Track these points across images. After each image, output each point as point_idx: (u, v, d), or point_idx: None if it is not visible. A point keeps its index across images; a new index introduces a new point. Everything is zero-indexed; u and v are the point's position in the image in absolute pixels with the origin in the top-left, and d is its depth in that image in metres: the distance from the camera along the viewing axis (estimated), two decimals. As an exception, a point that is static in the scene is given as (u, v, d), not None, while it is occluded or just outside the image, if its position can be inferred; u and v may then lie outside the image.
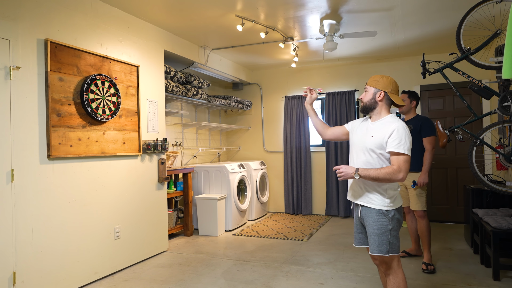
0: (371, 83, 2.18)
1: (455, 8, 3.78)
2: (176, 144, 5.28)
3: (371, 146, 2.10)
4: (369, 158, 2.12)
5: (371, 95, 2.17)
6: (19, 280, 2.65)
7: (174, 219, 4.73)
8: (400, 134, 2.01)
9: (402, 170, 1.99)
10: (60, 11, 3.04)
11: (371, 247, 2.11)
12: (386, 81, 2.15)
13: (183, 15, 3.87)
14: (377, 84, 2.16)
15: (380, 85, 2.15)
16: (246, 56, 5.62)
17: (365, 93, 2.20)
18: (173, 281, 3.23)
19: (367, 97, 2.19)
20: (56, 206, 2.94)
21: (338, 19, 4.08)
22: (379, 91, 2.15)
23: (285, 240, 4.60)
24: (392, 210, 2.10)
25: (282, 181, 6.51)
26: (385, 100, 2.16)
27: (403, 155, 2.00)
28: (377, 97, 2.15)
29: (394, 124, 2.05)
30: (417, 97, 3.70)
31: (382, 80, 2.16)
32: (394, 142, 2.01)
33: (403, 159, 2.00)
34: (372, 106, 2.18)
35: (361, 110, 2.23)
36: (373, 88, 2.17)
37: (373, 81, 2.18)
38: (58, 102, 2.97)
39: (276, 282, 3.16)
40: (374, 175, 2.01)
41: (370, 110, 2.19)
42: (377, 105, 2.17)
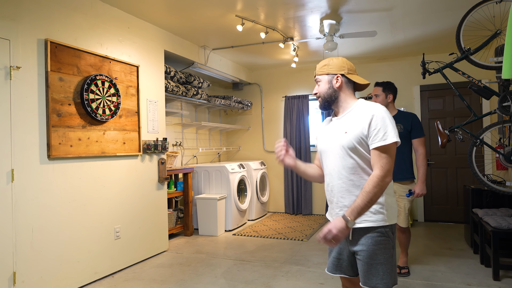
0: (321, 71, 1.74)
1: (455, 8, 3.78)
2: (176, 144, 5.28)
3: (348, 144, 1.62)
4: (348, 163, 1.63)
5: (326, 84, 1.72)
6: (19, 280, 2.65)
7: (174, 219, 4.73)
8: (382, 119, 1.57)
9: (385, 169, 1.54)
10: (60, 11, 3.05)
11: (370, 280, 1.61)
12: (337, 62, 1.73)
13: (183, 15, 3.87)
14: (328, 69, 1.73)
15: (333, 69, 1.72)
16: (246, 56, 5.62)
17: (318, 86, 1.76)
18: (173, 281, 3.24)
19: (322, 88, 1.73)
20: (56, 206, 2.94)
21: (338, 19, 4.08)
22: (334, 75, 1.71)
23: (285, 240, 4.60)
24: (393, 226, 1.66)
25: (282, 181, 6.52)
26: (345, 84, 1.72)
27: (389, 146, 1.56)
28: (334, 83, 1.71)
29: (369, 109, 1.62)
30: (393, 90, 3.20)
31: (332, 62, 1.73)
32: (379, 133, 1.56)
33: (385, 152, 1.56)
34: (333, 97, 1.72)
35: (321, 108, 1.78)
36: (326, 76, 1.73)
37: (322, 67, 1.75)
38: (58, 102, 2.97)
39: (276, 282, 3.16)
40: (366, 201, 1.52)
41: (331, 103, 1.73)
42: (337, 94, 1.72)
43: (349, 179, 1.64)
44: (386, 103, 3.16)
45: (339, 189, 1.66)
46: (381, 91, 3.16)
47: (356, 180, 1.63)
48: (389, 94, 3.16)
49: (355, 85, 1.76)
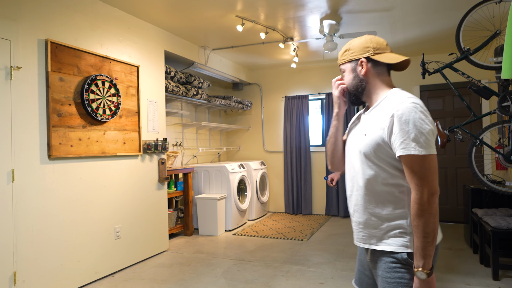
0: (343, 58, 1.42)
1: (454, 8, 3.79)
2: (176, 144, 5.29)
3: (365, 150, 1.29)
4: (366, 173, 1.30)
5: (350, 73, 1.40)
6: (19, 279, 2.65)
7: (174, 219, 4.73)
8: (406, 122, 1.17)
9: (422, 188, 1.16)
10: (61, 12, 3.05)
11: None
12: (359, 43, 1.38)
13: (183, 15, 3.88)
14: (350, 54, 1.39)
15: (354, 53, 1.38)
16: (246, 56, 5.63)
17: (344, 77, 1.44)
18: (173, 281, 3.24)
19: (347, 80, 1.42)
20: (56, 206, 2.94)
21: (338, 19, 4.08)
22: (357, 61, 1.37)
23: (285, 240, 4.60)
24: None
25: (282, 181, 6.52)
26: (372, 69, 1.36)
27: (417, 157, 1.16)
28: (359, 71, 1.37)
29: (394, 104, 1.23)
30: None
31: (353, 44, 1.39)
32: (398, 138, 1.19)
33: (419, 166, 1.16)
34: (359, 88, 1.38)
35: (351, 103, 1.46)
36: (349, 63, 1.40)
37: (344, 54, 1.42)
38: (59, 102, 2.98)
39: (276, 282, 3.17)
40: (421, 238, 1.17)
41: (359, 95, 1.40)
42: (365, 83, 1.37)
43: (365, 194, 1.31)
44: None
45: (355, 201, 1.37)
46: None
47: (377, 196, 1.29)
48: None
49: (391, 66, 1.38)
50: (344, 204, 5.96)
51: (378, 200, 1.29)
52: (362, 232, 1.36)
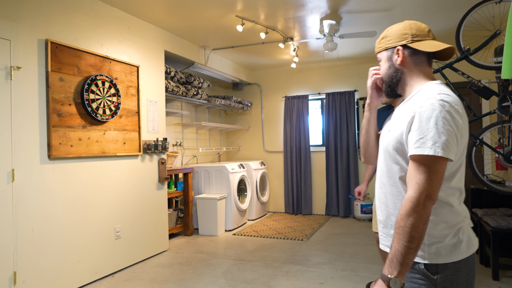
0: (379, 46, 1.31)
1: (454, 8, 3.79)
2: (176, 144, 5.29)
3: (387, 147, 1.22)
4: (389, 170, 1.22)
5: (386, 63, 1.29)
6: (19, 279, 2.65)
7: (174, 219, 4.73)
8: (427, 119, 1.07)
9: (422, 188, 1.06)
10: (61, 12, 3.05)
11: None
12: (397, 29, 1.26)
13: (183, 15, 3.88)
14: (386, 41, 1.27)
15: (391, 40, 1.26)
16: (246, 56, 5.63)
17: (381, 67, 1.33)
18: (173, 281, 3.24)
19: (382, 69, 1.31)
20: (56, 206, 2.94)
21: (338, 19, 4.08)
22: (393, 49, 1.25)
23: (285, 240, 4.60)
24: (444, 266, 1.12)
25: (282, 181, 6.52)
26: (410, 58, 1.23)
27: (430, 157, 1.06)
28: (395, 60, 1.25)
29: (420, 100, 1.13)
30: None
31: (391, 31, 1.28)
32: (415, 136, 1.09)
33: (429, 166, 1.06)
34: (394, 79, 1.27)
35: (386, 95, 1.35)
36: (385, 52, 1.29)
37: (380, 41, 1.31)
38: (59, 102, 2.98)
39: (276, 282, 3.17)
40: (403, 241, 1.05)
41: (394, 87, 1.28)
42: (400, 74, 1.25)
43: (387, 191, 1.24)
44: None
45: (378, 199, 1.30)
46: None
47: (397, 195, 1.21)
48: None
49: (432, 55, 1.25)
50: (344, 204, 5.96)
51: (397, 200, 1.20)
52: (381, 232, 1.28)
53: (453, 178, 1.14)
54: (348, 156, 5.97)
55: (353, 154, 5.94)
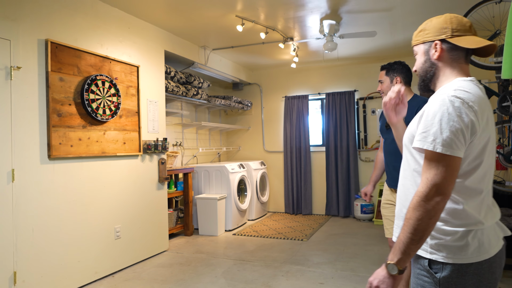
0: (417, 39, 1.27)
1: (454, 8, 3.79)
2: (176, 144, 5.29)
3: (405, 141, 1.24)
4: (407, 162, 1.24)
5: (422, 56, 1.25)
6: (19, 279, 2.65)
7: (174, 219, 4.73)
8: (433, 115, 1.08)
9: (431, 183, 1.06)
10: (61, 12, 3.05)
11: None
12: (437, 22, 1.21)
13: (183, 15, 3.88)
14: (424, 35, 1.23)
15: (429, 34, 1.22)
16: (246, 56, 5.63)
17: (416, 60, 1.30)
18: (173, 281, 3.24)
19: (417, 63, 1.28)
20: (56, 206, 2.94)
21: (338, 19, 4.09)
22: (431, 43, 1.22)
23: (285, 240, 4.60)
24: (447, 266, 1.11)
25: (282, 181, 6.52)
26: (448, 53, 1.20)
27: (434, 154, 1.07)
28: (431, 54, 1.22)
29: (435, 95, 1.14)
30: (401, 70, 2.46)
31: (430, 24, 1.23)
32: (418, 130, 1.12)
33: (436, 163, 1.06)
34: (428, 74, 1.24)
35: (419, 89, 1.32)
36: (422, 45, 1.25)
37: (418, 34, 1.27)
38: (59, 102, 2.98)
39: (276, 282, 3.17)
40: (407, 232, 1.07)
41: (428, 82, 1.26)
42: (435, 69, 1.22)
43: (402, 183, 1.27)
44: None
45: (397, 191, 1.31)
46: (384, 75, 2.48)
47: (407, 188, 1.23)
48: (395, 77, 2.44)
49: (471, 51, 1.21)
50: (344, 204, 5.96)
51: (409, 192, 1.22)
52: (395, 223, 1.28)
53: (468, 177, 1.11)
54: (348, 156, 5.97)
55: (353, 154, 5.94)
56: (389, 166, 2.41)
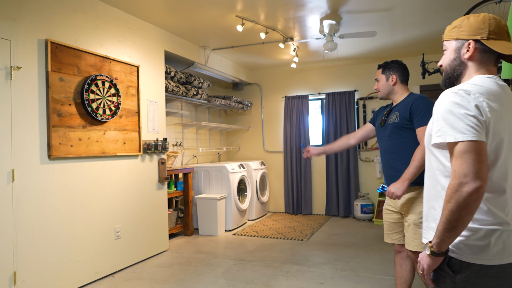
0: (449, 35, 1.24)
1: (454, 9, 3.79)
2: (176, 144, 5.29)
3: (426, 143, 1.26)
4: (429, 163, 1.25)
5: (452, 54, 1.23)
6: (19, 279, 2.65)
7: (174, 219, 4.73)
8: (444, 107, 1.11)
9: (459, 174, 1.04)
10: (61, 12, 3.05)
11: None
12: (474, 22, 1.18)
13: (183, 15, 3.88)
14: (458, 31, 1.20)
15: (464, 32, 1.19)
16: (246, 56, 5.63)
17: (444, 55, 1.28)
18: (173, 281, 3.24)
19: (446, 59, 1.26)
20: (56, 206, 2.94)
21: (338, 19, 4.08)
22: (465, 42, 1.19)
23: (285, 240, 4.60)
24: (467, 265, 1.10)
25: (282, 181, 6.52)
26: (479, 54, 1.18)
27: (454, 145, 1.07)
28: (462, 53, 1.20)
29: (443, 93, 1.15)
30: (397, 69, 2.41)
31: (466, 22, 1.20)
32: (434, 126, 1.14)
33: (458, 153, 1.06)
34: (456, 72, 1.23)
35: (442, 85, 1.30)
36: (454, 41, 1.22)
37: (452, 29, 1.24)
38: (59, 102, 2.98)
39: (276, 282, 3.17)
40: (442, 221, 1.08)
41: (453, 80, 1.25)
42: (463, 68, 1.21)
43: (426, 184, 1.27)
44: (389, 88, 2.40)
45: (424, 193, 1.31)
46: (381, 74, 2.44)
47: (431, 187, 1.23)
48: (391, 75, 2.39)
49: (501, 55, 1.19)
50: (344, 204, 5.96)
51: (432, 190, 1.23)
52: (423, 225, 1.28)
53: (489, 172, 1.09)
54: (348, 156, 5.97)
55: (353, 154, 5.94)
56: (386, 165, 2.35)
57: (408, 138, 2.24)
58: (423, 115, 2.17)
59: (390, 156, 2.30)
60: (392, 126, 2.29)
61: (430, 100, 2.25)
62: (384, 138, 2.36)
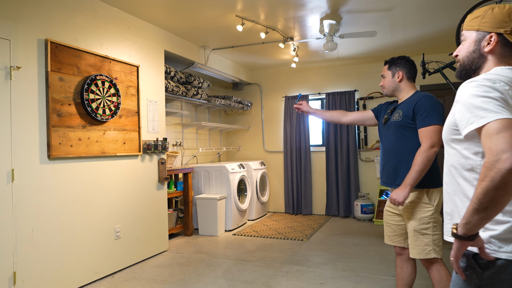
0: (470, 24, 1.20)
1: (454, 8, 3.78)
2: (176, 144, 5.28)
3: (445, 136, 1.21)
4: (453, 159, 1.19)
5: (472, 45, 1.19)
6: (19, 279, 2.65)
7: (174, 219, 4.73)
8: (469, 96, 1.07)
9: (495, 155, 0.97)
10: (61, 12, 3.05)
11: None
12: (498, 13, 1.14)
13: (183, 15, 3.87)
14: (481, 22, 1.16)
15: (487, 23, 1.15)
16: (246, 56, 5.63)
17: (462, 45, 1.23)
18: (173, 281, 3.24)
19: (464, 50, 1.22)
20: (56, 206, 2.94)
21: (338, 19, 4.08)
22: (487, 34, 1.15)
23: (285, 240, 4.60)
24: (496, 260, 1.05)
25: (282, 181, 6.52)
26: (501, 48, 1.14)
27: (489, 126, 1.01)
28: (483, 46, 1.16)
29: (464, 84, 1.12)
30: (404, 65, 2.33)
31: (490, 13, 1.15)
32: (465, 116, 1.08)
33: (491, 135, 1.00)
34: (474, 65, 1.19)
35: (456, 76, 1.28)
36: (475, 32, 1.18)
37: (473, 19, 1.19)
38: (59, 102, 2.98)
39: (276, 282, 3.16)
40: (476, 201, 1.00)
41: (470, 72, 1.21)
42: (483, 61, 1.17)
43: (445, 181, 1.22)
44: (395, 85, 2.31)
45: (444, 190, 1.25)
46: (387, 70, 2.36)
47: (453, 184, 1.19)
48: (397, 71, 2.31)
49: None
50: (344, 204, 5.96)
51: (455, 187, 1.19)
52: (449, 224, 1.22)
53: None
54: (348, 156, 5.97)
55: (353, 154, 5.93)
56: (386, 164, 2.27)
57: (410, 138, 2.17)
58: (426, 115, 2.10)
59: (391, 156, 2.25)
60: (394, 125, 2.24)
61: (436, 99, 2.19)
62: (386, 136, 2.30)
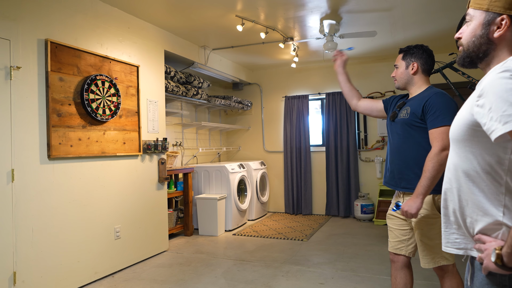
0: (479, 2, 1.03)
1: (454, 8, 3.78)
2: (176, 144, 5.28)
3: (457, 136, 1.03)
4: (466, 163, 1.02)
5: (479, 28, 1.03)
6: (19, 279, 2.65)
7: (174, 219, 4.73)
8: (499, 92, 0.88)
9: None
10: (61, 11, 3.05)
11: None
12: None
13: (183, 15, 3.87)
14: (492, 2, 1.00)
15: (499, 3, 0.99)
16: (246, 56, 5.63)
17: (466, 26, 1.08)
18: (173, 281, 3.24)
19: (468, 32, 1.06)
20: (56, 206, 2.94)
21: (338, 19, 4.08)
22: (498, 16, 1.00)
23: (285, 240, 4.60)
24: None
25: (282, 181, 6.52)
26: (510, 34, 1.00)
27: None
28: (492, 30, 1.01)
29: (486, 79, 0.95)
30: (420, 56, 2.06)
31: None
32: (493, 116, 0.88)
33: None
34: (480, 51, 1.04)
35: (459, 63, 1.12)
36: (483, 13, 1.03)
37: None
38: (59, 102, 2.98)
39: (276, 282, 3.16)
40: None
41: (475, 60, 1.06)
42: (491, 48, 1.02)
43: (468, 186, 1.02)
44: (408, 77, 2.09)
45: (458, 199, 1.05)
46: (401, 60, 2.13)
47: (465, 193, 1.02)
48: (412, 62, 2.07)
49: None
50: (344, 204, 5.95)
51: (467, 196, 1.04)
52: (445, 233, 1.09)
53: None
54: (348, 156, 5.97)
55: (353, 154, 5.93)
56: (392, 164, 2.09)
57: (418, 139, 1.98)
58: (439, 114, 1.86)
59: (397, 157, 2.07)
60: (401, 123, 2.04)
61: (450, 97, 1.94)
62: (393, 134, 2.11)
